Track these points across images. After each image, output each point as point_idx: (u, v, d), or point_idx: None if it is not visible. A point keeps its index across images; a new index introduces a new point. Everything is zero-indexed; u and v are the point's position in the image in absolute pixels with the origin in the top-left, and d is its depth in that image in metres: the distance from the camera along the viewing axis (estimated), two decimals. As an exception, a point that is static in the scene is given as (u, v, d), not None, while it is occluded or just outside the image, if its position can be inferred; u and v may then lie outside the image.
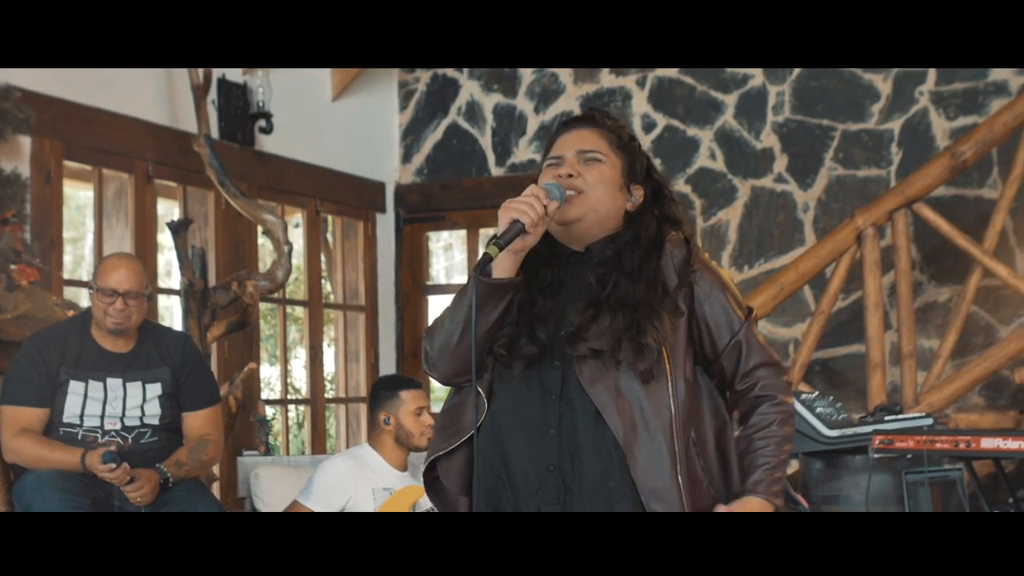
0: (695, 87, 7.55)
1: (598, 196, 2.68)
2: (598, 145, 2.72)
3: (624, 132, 2.80)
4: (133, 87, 6.18)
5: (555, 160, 2.74)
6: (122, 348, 4.61)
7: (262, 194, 6.95)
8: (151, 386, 4.59)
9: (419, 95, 8.18)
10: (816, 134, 7.32)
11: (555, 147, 2.77)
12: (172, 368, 4.65)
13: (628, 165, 2.75)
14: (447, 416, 2.74)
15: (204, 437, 4.67)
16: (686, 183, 7.54)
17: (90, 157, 6.03)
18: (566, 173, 2.68)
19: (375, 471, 4.98)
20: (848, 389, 6.98)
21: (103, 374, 4.53)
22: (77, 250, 10.61)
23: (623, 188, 2.72)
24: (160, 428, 4.58)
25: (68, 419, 4.46)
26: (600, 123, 2.77)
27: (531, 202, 2.57)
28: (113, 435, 4.48)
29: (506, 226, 2.56)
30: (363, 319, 7.82)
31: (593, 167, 2.69)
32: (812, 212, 7.31)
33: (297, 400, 8.37)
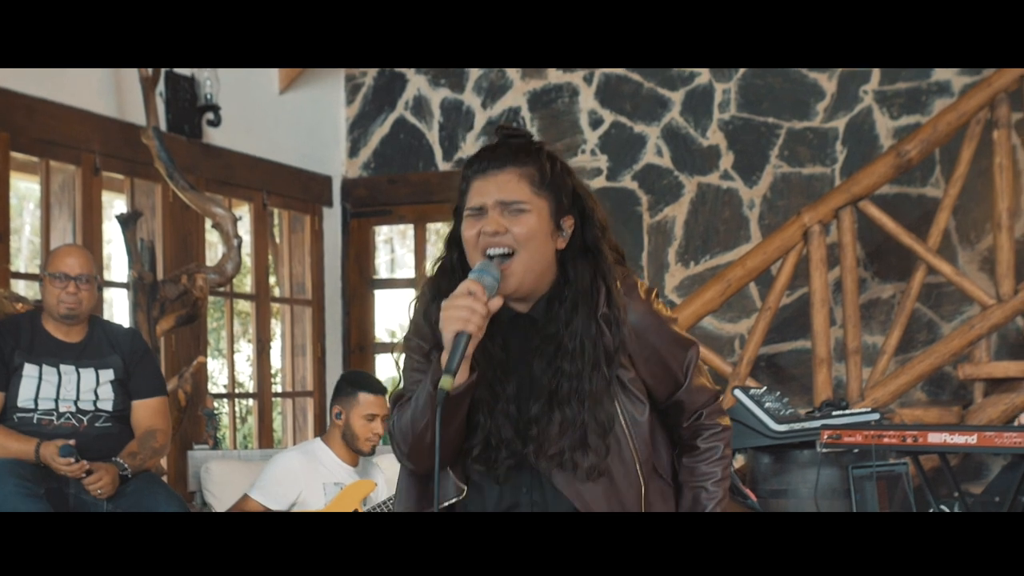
0: (642, 84, 7.59)
1: (529, 253, 2.52)
2: (520, 193, 2.52)
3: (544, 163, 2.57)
4: (80, 78, 6.12)
5: (475, 211, 2.55)
6: (74, 338, 4.64)
7: (209, 187, 6.91)
8: (104, 372, 4.65)
9: (366, 89, 8.17)
10: (762, 132, 7.38)
11: (472, 193, 2.56)
12: (122, 356, 4.71)
13: (555, 203, 2.56)
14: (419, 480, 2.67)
15: (152, 427, 4.68)
16: (633, 179, 7.58)
17: (36, 148, 5.98)
18: (491, 231, 2.51)
19: (326, 466, 4.97)
20: (793, 384, 7.05)
21: (56, 360, 4.60)
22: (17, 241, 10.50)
23: (553, 231, 2.56)
24: (113, 415, 4.61)
25: (23, 403, 4.47)
26: (517, 160, 2.56)
27: (472, 307, 2.41)
28: (68, 417, 4.49)
29: (451, 342, 2.42)
30: (310, 313, 7.80)
31: (519, 219, 2.52)
32: (758, 209, 7.38)
33: (244, 394, 8.33)
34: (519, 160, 2.56)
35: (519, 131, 2.64)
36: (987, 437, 4.79)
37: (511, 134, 2.63)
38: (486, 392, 2.55)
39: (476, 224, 2.55)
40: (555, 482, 2.56)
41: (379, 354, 8.09)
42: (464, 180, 2.60)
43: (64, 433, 4.47)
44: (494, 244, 2.52)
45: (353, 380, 5.21)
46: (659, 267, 7.52)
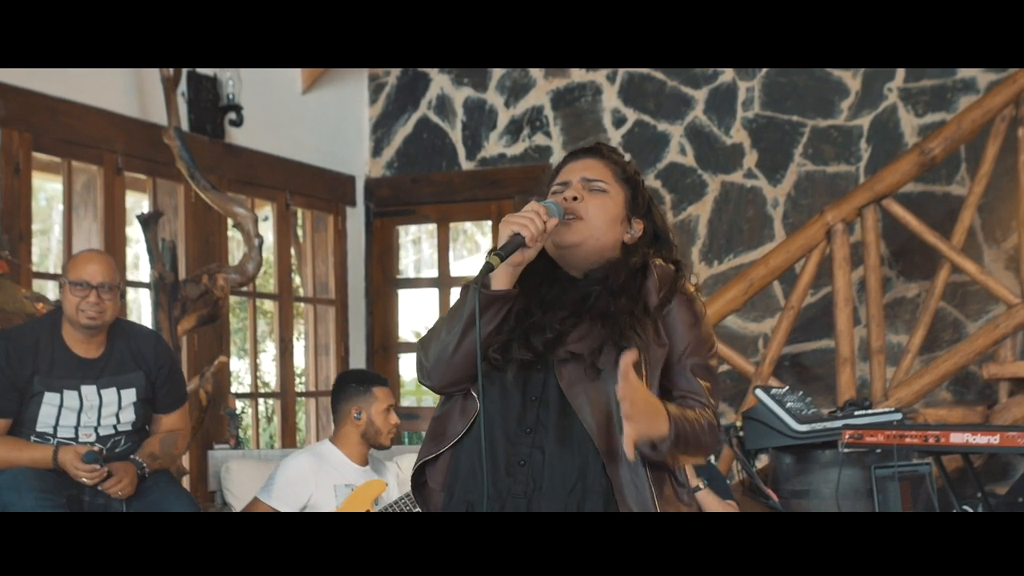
0: (665, 82, 7.57)
1: (598, 224, 2.72)
2: (603, 175, 2.77)
3: (629, 166, 2.85)
4: (103, 79, 6.14)
5: (560, 187, 2.78)
6: (94, 352, 4.53)
7: (232, 187, 6.92)
8: (126, 392, 4.54)
9: (389, 89, 8.17)
10: (786, 130, 7.34)
11: (561, 174, 2.81)
12: (146, 372, 4.59)
13: (631, 198, 2.79)
14: (438, 423, 2.76)
15: (174, 430, 4.66)
16: (656, 178, 7.55)
17: (59, 149, 5.99)
18: (571, 196, 2.72)
19: (336, 468, 4.96)
20: (817, 384, 7.01)
21: (77, 382, 4.46)
22: (43, 243, 10.54)
23: (623, 220, 2.77)
24: (132, 433, 4.56)
25: (41, 428, 4.41)
26: (606, 155, 2.83)
27: (531, 217, 2.60)
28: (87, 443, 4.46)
29: (507, 239, 2.59)
30: (333, 313, 7.80)
31: (596, 196, 2.74)
32: (781, 207, 7.34)
33: (267, 394, 8.34)
34: (607, 155, 2.84)
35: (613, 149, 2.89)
36: (1010, 437, 4.76)
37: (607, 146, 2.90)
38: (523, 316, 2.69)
39: (561, 195, 2.75)
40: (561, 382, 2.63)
41: (403, 354, 8.09)
42: (555, 170, 2.85)
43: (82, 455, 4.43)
44: (570, 209, 2.71)
45: (362, 378, 5.21)
46: (682, 266, 7.46)
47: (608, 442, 2.59)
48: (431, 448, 2.75)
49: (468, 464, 2.69)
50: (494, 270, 2.59)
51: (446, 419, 2.74)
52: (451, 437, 2.71)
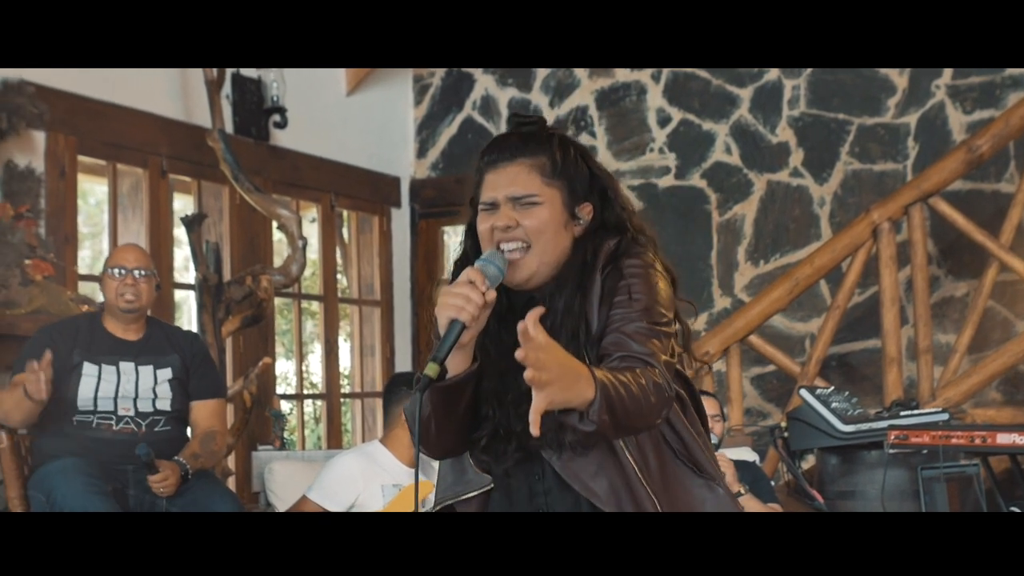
0: (710, 81, 7.53)
1: (542, 246, 2.48)
2: (530, 186, 2.48)
3: (555, 150, 2.53)
4: (146, 82, 6.17)
5: (487, 206, 2.51)
6: (132, 336, 4.65)
7: (277, 189, 6.95)
8: (162, 371, 4.64)
9: (434, 90, 8.17)
10: (832, 128, 7.29)
11: (485, 186, 2.53)
12: (182, 356, 4.70)
13: (568, 191, 2.53)
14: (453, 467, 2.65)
15: (211, 429, 4.69)
16: (701, 177, 7.52)
17: (104, 152, 6.04)
18: (503, 225, 2.47)
19: (384, 468, 4.96)
20: (865, 384, 6.95)
21: (115, 358, 4.58)
22: (96, 245, 10.61)
23: (568, 221, 2.53)
24: (172, 416, 4.60)
25: (82, 403, 4.47)
26: (527, 150, 2.51)
27: (468, 295, 2.33)
28: (128, 422, 4.50)
29: (444, 326, 2.35)
30: (378, 314, 7.82)
31: (530, 212, 2.48)
32: (828, 206, 7.28)
33: (313, 395, 8.36)
34: (529, 150, 2.51)
35: (531, 118, 2.59)
36: (1058, 438, 4.69)
37: (523, 122, 2.58)
38: (496, 383, 2.49)
39: (489, 218, 2.50)
40: (555, 466, 2.47)
41: (448, 354, 8.06)
42: (477, 172, 2.56)
43: (123, 439, 4.46)
44: (507, 239, 2.48)
45: (412, 382, 5.18)
46: (728, 266, 7.45)
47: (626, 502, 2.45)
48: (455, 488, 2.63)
49: None
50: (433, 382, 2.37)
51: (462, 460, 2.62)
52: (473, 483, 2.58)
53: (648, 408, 2.33)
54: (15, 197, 5.43)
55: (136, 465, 4.40)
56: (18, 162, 5.50)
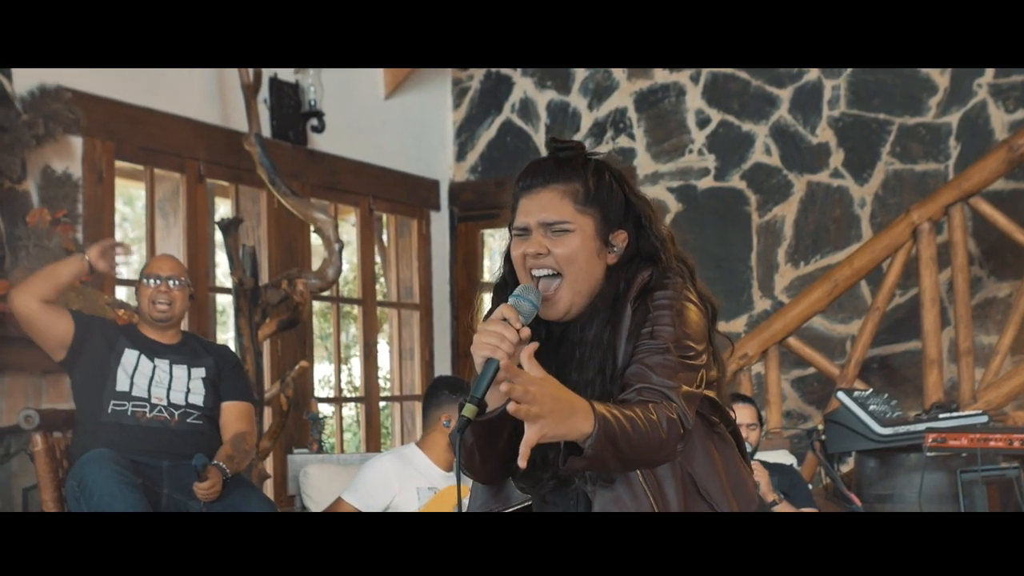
0: (750, 82, 7.48)
1: (574, 275, 2.47)
2: (563, 213, 2.46)
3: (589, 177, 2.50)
4: (183, 87, 6.20)
5: (520, 232, 2.50)
6: (168, 340, 4.74)
7: (315, 193, 6.96)
8: (196, 369, 4.73)
9: (473, 92, 8.17)
10: (873, 128, 7.23)
11: (519, 212, 2.52)
12: (216, 360, 4.79)
13: (602, 218, 2.50)
14: None
15: (241, 432, 4.72)
16: (741, 179, 7.47)
17: (141, 157, 6.06)
18: (533, 252, 2.46)
19: (420, 471, 4.96)
20: (907, 386, 6.89)
21: (152, 354, 4.66)
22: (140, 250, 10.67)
23: (601, 248, 2.51)
24: (203, 412, 4.64)
25: (120, 386, 4.52)
26: (561, 176, 2.49)
27: (502, 333, 2.32)
28: (160, 410, 4.55)
29: (479, 366, 2.34)
30: (417, 317, 7.82)
31: (562, 240, 2.46)
32: (869, 207, 7.22)
33: (352, 398, 8.36)
34: (563, 176, 2.50)
35: (568, 143, 2.56)
36: (1098, 440, 4.63)
37: (560, 147, 2.56)
38: None
39: (521, 245, 2.50)
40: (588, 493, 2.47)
41: (488, 358, 8.05)
42: (513, 197, 2.56)
43: (156, 427, 4.52)
44: (538, 266, 2.48)
45: (454, 386, 5.17)
46: (768, 267, 7.40)
47: None
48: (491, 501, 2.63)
49: None
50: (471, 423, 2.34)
51: None
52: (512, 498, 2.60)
53: (658, 443, 2.32)
54: (52, 202, 5.46)
55: (171, 461, 4.44)
56: (55, 167, 5.53)
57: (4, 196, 5.25)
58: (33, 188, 5.45)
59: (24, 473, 5.06)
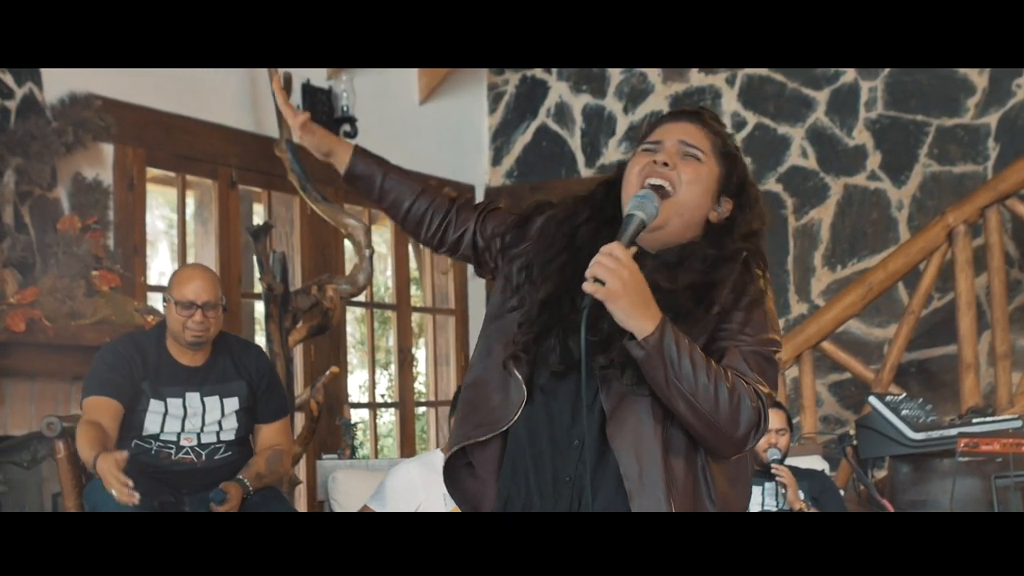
0: (786, 84, 7.43)
1: (687, 198, 2.46)
2: (701, 143, 2.48)
3: (730, 140, 2.56)
4: (215, 93, 6.23)
5: (652, 145, 2.51)
6: (198, 361, 4.51)
7: (348, 199, 6.95)
8: (228, 400, 4.51)
9: (508, 97, 8.16)
10: (910, 130, 7.15)
11: (655, 132, 2.54)
12: (249, 382, 4.57)
13: (725, 174, 2.50)
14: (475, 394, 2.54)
15: (278, 448, 4.62)
16: (777, 182, 7.42)
17: (173, 164, 6.09)
18: (662, 161, 2.45)
19: (445, 476, 4.93)
20: (944, 391, 6.80)
21: (181, 389, 4.45)
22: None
23: (714, 195, 2.49)
24: (234, 443, 4.54)
25: (146, 433, 4.43)
26: (707, 123, 2.54)
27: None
28: (188, 451, 4.46)
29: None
30: (453, 323, 7.81)
31: (690, 164, 2.46)
32: (907, 210, 7.15)
33: (385, 404, 8.36)
34: (708, 124, 2.54)
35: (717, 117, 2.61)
36: None
37: (712, 115, 2.59)
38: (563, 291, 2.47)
39: (647, 157, 2.50)
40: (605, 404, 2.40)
41: (524, 363, 8.04)
42: (648, 127, 2.57)
43: (181, 469, 4.42)
44: (660, 175, 2.46)
45: None
46: (805, 271, 7.34)
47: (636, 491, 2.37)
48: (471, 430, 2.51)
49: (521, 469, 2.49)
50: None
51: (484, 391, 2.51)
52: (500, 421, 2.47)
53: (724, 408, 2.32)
54: (83, 209, 5.49)
55: (191, 489, 4.40)
56: (86, 175, 5.56)
57: (35, 203, 5.29)
58: (64, 195, 5.48)
59: (54, 479, 5.06)
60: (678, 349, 2.31)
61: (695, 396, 2.32)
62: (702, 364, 2.32)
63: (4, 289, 5.05)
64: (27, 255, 5.16)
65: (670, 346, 2.30)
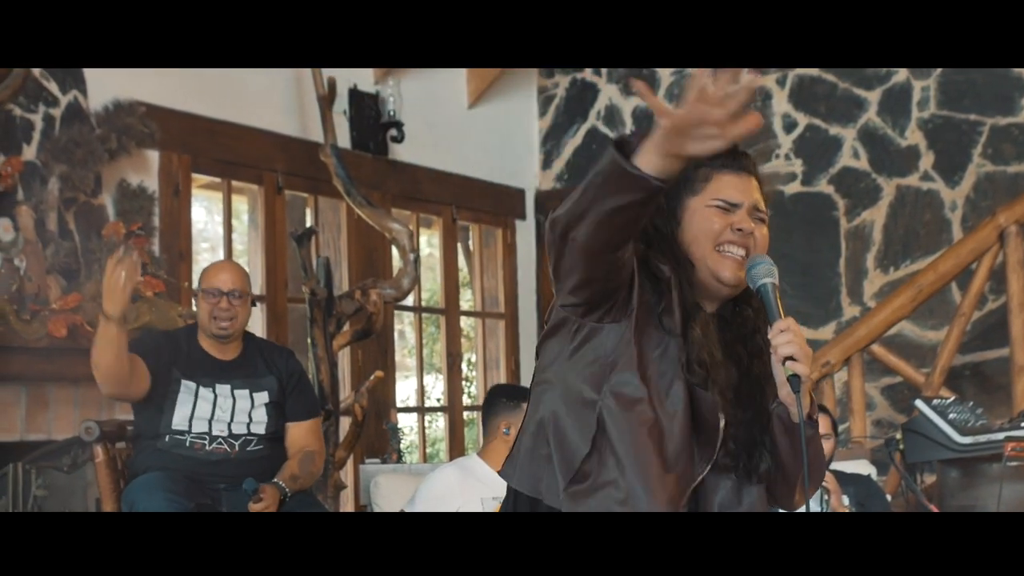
0: (837, 84, 7.35)
1: None
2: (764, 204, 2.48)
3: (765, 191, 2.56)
4: (260, 99, 6.26)
5: (726, 205, 2.44)
6: (228, 356, 4.57)
7: (396, 203, 6.98)
8: (258, 394, 4.55)
9: (558, 100, 8.14)
10: (963, 129, 7.05)
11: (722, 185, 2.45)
12: (278, 378, 4.60)
13: None
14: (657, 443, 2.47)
15: (309, 450, 4.63)
16: (829, 183, 7.34)
17: (218, 169, 6.12)
18: (747, 230, 2.43)
19: (483, 481, 4.91)
20: (999, 394, 6.68)
21: (212, 380, 4.49)
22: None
23: None
24: (265, 437, 4.54)
25: (177, 424, 4.44)
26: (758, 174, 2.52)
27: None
28: (220, 442, 4.48)
29: None
30: (503, 327, 7.79)
31: (761, 228, 2.45)
32: (960, 211, 7.04)
33: (433, 408, 8.35)
34: (759, 175, 2.53)
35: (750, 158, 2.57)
36: None
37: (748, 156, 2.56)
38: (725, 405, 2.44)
39: (726, 217, 2.44)
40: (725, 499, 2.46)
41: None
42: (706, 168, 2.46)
43: (215, 459, 4.42)
44: (740, 244, 2.42)
45: (512, 393, 5.12)
46: (857, 273, 7.25)
47: None
48: None
49: None
50: None
51: None
52: None
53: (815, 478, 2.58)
54: (127, 216, 5.53)
55: (228, 484, 4.41)
56: (130, 181, 5.61)
57: (79, 210, 5.33)
58: (109, 202, 5.53)
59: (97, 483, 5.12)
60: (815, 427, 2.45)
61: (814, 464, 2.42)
62: None
63: (47, 295, 5.10)
64: (70, 261, 5.21)
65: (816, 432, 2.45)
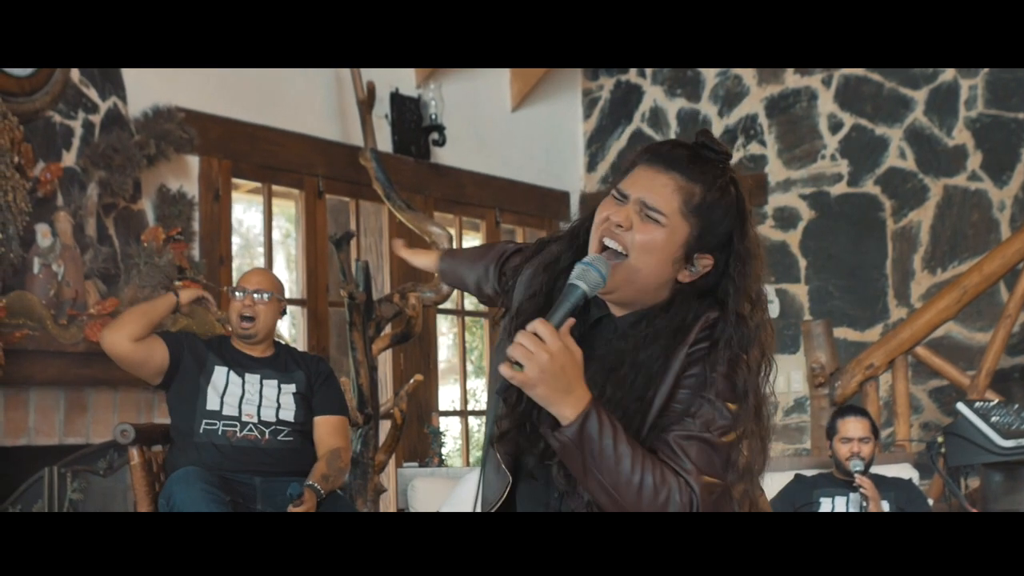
0: (883, 84, 7.27)
1: (640, 265, 2.24)
2: (665, 204, 2.23)
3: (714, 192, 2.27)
4: (301, 104, 6.28)
5: (619, 197, 2.26)
6: (260, 354, 4.65)
7: (439, 207, 6.98)
8: (286, 385, 4.62)
9: (603, 102, 8.11)
10: (1012, 128, 6.96)
11: (629, 177, 2.28)
12: (307, 374, 4.68)
13: (699, 234, 2.25)
14: None
15: (336, 448, 4.66)
16: (875, 184, 7.27)
17: (259, 174, 6.15)
18: (617, 221, 2.22)
19: (517, 483, 4.91)
20: (1051, 397, 6.61)
21: (242, 369, 4.58)
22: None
23: (680, 260, 2.25)
24: (295, 428, 4.58)
25: (210, 408, 4.50)
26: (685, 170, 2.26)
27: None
28: (251, 428, 4.52)
29: None
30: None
31: (648, 227, 2.23)
32: (1008, 211, 6.95)
33: (476, 411, 8.33)
34: (689, 171, 2.27)
35: (716, 146, 2.31)
36: None
37: (706, 144, 2.32)
38: None
39: (611, 208, 2.26)
40: None
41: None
42: (631, 161, 2.31)
43: (246, 446, 4.47)
44: (614, 237, 2.24)
45: None
46: (904, 275, 7.17)
47: None
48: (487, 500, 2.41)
49: None
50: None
51: None
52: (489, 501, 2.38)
53: (646, 501, 2.15)
54: (167, 220, 5.57)
55: (263, 477, 4.45)
56: (170, 186, 5.64)
57: (119, 215, 5.37)
58: (149, 207, 5.57)
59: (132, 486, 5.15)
60: (600, 438, 2.12)
61: (616, 489, 2.15)
62: (627, 454, 2.13)
63: (86, 300, 5.14)
64: (109, 266, 5.25)
65: (591, 436, 2.11)
